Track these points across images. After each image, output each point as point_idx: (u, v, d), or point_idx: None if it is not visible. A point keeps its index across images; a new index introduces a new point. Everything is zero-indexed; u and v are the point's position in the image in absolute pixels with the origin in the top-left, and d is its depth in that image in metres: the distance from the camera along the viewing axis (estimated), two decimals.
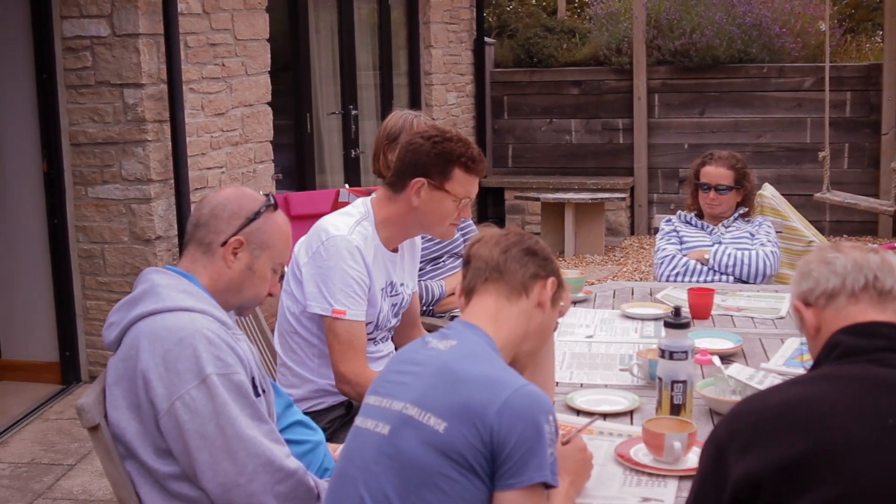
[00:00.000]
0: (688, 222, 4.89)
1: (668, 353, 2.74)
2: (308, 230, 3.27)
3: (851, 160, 9.96)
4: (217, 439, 2.31)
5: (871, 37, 12.87)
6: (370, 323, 3.24)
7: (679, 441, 2.45)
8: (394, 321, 3.41)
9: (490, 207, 10.69)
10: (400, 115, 4.25)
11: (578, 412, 2.86)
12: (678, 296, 4.08)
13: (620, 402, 2.93)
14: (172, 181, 5.61)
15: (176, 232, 5.70)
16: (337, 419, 3.30)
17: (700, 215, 4.88)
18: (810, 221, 6.14)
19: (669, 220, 4.94)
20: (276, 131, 6.78)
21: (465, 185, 3.19)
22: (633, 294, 4.28)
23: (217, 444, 2.31)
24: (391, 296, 3.32)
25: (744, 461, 1.85)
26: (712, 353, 3.31)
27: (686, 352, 2.74)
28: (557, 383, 2.99)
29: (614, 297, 4.23)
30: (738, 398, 2.77)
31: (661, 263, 4.72)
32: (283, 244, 2.61)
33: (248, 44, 6.36)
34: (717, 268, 4.61)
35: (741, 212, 4.84)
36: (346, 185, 6.50)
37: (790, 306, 2.20)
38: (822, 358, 2.03)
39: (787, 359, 3.27)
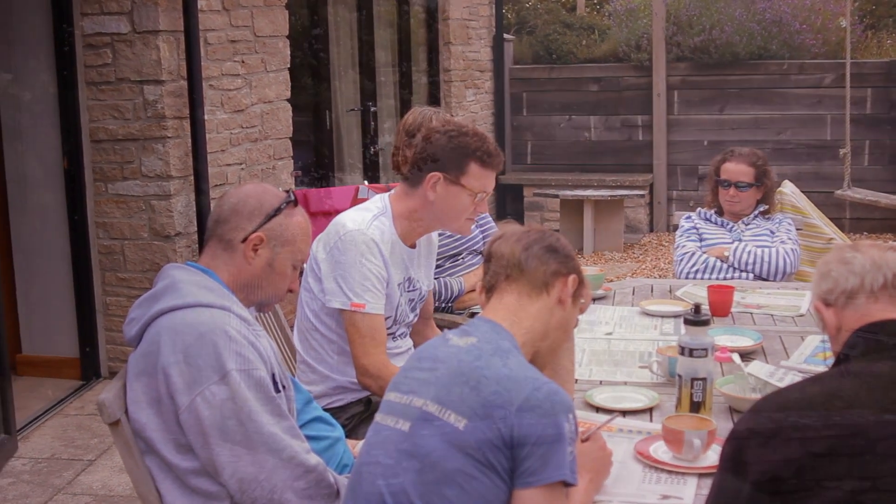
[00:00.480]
0: (708, 219, 4.88)
1: (687, 351, 2.74)
2: (327, 227, 3.27)
3: (872, 157, 9.91)
4: (237, 435, 2.32)
5: (892, 33, 12.79)
6: (388, 318, 3.24)
7: (699, 438, 2.45)
8: (411, 316, 3.41)
9: (509, 204, 10.68)
10: (419, 112, 4.27)
11: (598, 409, 2.85)
12: (698, 293, 4.07)
13: (640, 399, 2.92)
14: (192, 178, 5.62)
15: (195, 228, 5.72)
16: (356, 416, 3.30)
17: (720, 212, 4.87)
18: (830, 219, 6.12)
19: (689, 217, 4.93)
20: (295, 128, 6.79)
21: (481, 180, 3.18)
22: (652, 291, 4.27)
23: (237, 439, 2.32)
24: (408, 291, 3.32)
25: (764, 458, 1.85)
26: (732, 351, 3.30)
27: (706, 349, 2.74)
28: (577, 381, 2.99)
29: (634, 294, 4.22)
30: (757, 396, 2.76)
31: (681, 260, 4.71)
32: (304, 241, 2.61)
33: (267, 41, 6.37)
34: (737, 265, 4.60)
35: (761, 209, 4.82)
36: (366, 182, 6.50)
37: (811, 306, 2.19)
38: (843, 356, 2.03)
39: (808, 356, 3.26)
